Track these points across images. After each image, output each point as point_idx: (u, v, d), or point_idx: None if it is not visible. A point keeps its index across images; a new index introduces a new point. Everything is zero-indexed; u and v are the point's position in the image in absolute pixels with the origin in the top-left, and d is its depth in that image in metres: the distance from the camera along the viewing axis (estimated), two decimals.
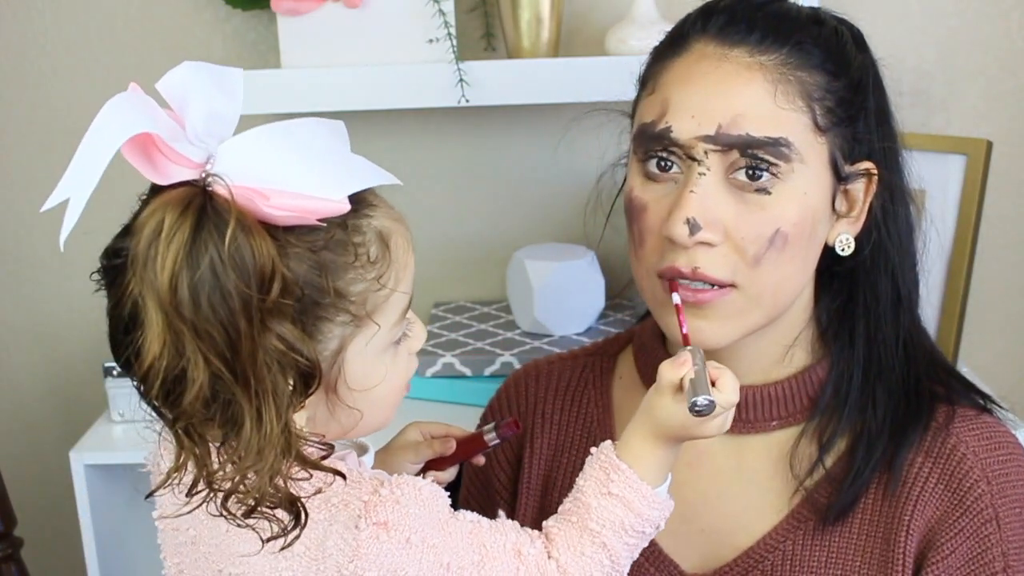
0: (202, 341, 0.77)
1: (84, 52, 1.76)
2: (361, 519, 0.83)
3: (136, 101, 0.79)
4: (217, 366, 0.77)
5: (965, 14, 1.70)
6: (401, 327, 0.90)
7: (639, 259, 1.02)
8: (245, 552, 0.85)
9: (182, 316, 0.76)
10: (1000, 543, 0.99)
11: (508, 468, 1.18)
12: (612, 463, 0.92)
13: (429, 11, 1.54)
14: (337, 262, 0.84)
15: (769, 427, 1.06)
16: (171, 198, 0.77)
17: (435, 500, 0.86)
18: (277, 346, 0.79)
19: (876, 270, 1.04)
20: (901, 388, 1.05)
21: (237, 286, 0.76)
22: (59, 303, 1.87)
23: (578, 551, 0.90)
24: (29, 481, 1.88)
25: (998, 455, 1.02)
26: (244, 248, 0.76)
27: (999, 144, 1.62)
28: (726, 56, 0.97)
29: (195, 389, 0.78)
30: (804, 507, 1.04)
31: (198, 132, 0.79)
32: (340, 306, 0.84)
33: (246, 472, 0.79)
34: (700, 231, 0.95)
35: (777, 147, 0.95)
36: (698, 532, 1.07)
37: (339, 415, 0.88)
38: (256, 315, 0.77)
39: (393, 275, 0.88)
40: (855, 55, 1.01)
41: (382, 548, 0.83)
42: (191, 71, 0.80)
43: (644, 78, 1.04)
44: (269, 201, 0.79)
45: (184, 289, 0.76)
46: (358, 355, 0.87)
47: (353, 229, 0.85)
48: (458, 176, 1.80)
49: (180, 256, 0.76)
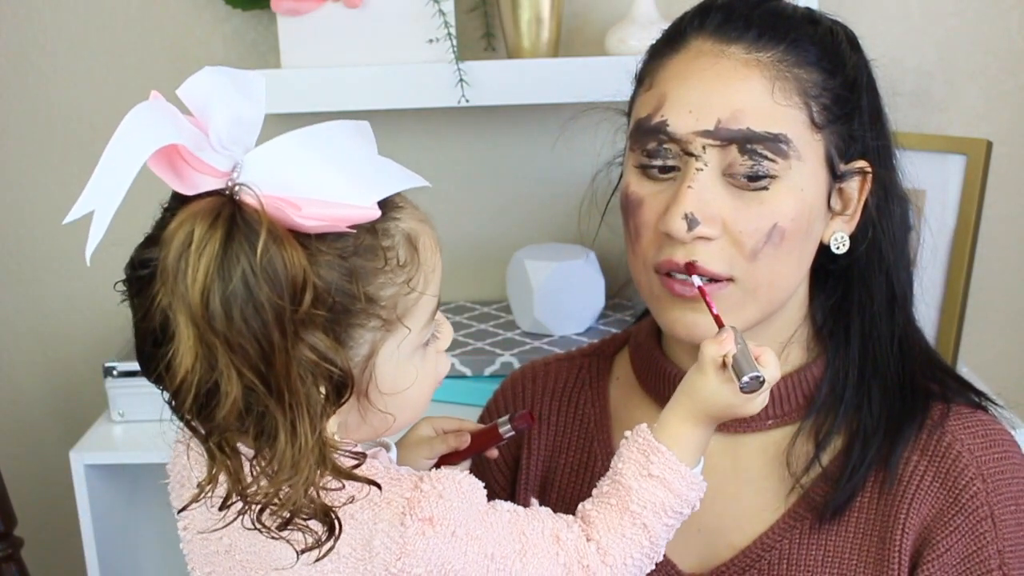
0: (235, 354, 0.76)
1: (84, 52, 1.76)
2: (406, 516, 0.82)
3: (160, 110, 0.78)
4: (250, 379, 0.76)
5: (965, 14, 1.70)
6: (430, 329, 0.90)
7: (635, 254, 1.02)
8: (287, 559, 0.83)
9: (214, 329, 0.75)
10: (996, 540, 0.99)
11: (506, 469, 1.18)
12: (651, 445, 0.92)
13: (429, 11, 1.54)
14: (367, 267, 0.82)
15: (765, 426, 1.06)
16: (200, 209, 0.76)
17: (474, 492, 0.86)
18: (310, 357, 0.78)
19: (871, 269, 1.04)
20: (896, 386, 1.05)
21: (270, 298, 0.75)
22: (59, 303, 1.87)
23: (619, 533, 0.90)
24: (29, 481, 1.88)
25: (993, 453, 1.02)
26: (276, 259, 0.75)
27: (999, 144, 1.63)
28: (723, 53, 0.98)
29: (229, 403, 0.77)
30: (800, 506, 1.04)
31: (222, 140, 0.78)
32: (371, 311, 0.83)
33: (281, 485, 0.78)
34: (698, 226, 0.95)
35: (776, 143, 0.95)
36: (695, 532, 1.07)
37: (371, 419, 0.88)
38: (289, 327, 0.76)
39: (422, 278, 0.87)
40: (849, 54, 1.02)
41: (428, 544, 0.83)
42: (213, 77, 0.79)
43: (641, 75, 1.05)
44: (301, 212, 0.77)
45: (216, 302, 0.75)
46: (389, 359, 0.86)
47: (382, 233, 0.84)
48: (458, 176, 1.80)
49: (212, 268, 0.74)
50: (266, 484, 0.79)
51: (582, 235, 1.51)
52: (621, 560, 0.90)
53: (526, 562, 0.87)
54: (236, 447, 0.80)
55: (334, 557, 0.83)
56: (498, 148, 1.79)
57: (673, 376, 1.08)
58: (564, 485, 1.13)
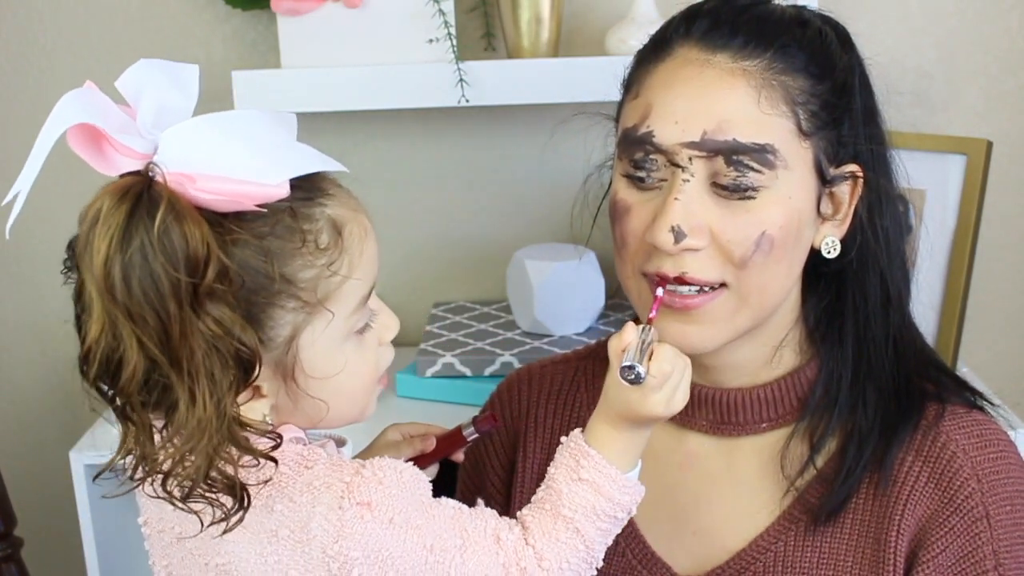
0: (135, 324, 0.79)
1: (84, 52, 1.76)
2: (344, 499, 0.84)
3: (86, 95, 0.82)
4: (150, 348, 0.79)
5: (965, 14, 1.70)
6: (362, 316, 0.90)
7: (623, 260, 1.02)
8: (231, 545, 0.86)
9: (116, 300, 0.79)
10: (991, 541, 0.99)
11: (502, 472, 1.18)
12: (581, 449, 0.93)
13: (429, 11, 1.54)
14: (285, 248, 0.84)
15: (759, 429, 1.06)
16: (113, 186, 0.80)
17: (416, 483, 0.88)
18: (214, 330, 0.80)
19: (864, 270, 1.04)
20: (891, 387, 1.05)
21: (166, 269, 0.78)
22: (59, 303, 1.86)
23: (553, 537, 0.91)
24: (29, 481, 1.88)
25: (988, 453, 1.02)
26: (174, 232, 0.78)
27: (999, 144, 1.62)
28: (709, 62, 0.97)
29: (130, 370, 0.80)
30: (796, 508, 1.04)
31: (147, 125, 0.81)
32: (289, 292, 0.84)
33: (183, 454, 0.81)
34: (685, 239, 0.95)
35: (763, 154, 0.95)
36: (690, 534, 1.07)
37: (303, 405, 0.89)
38: (187, 299, 0.79)
39: (346, 262, 0.87)
40: (840, 56, 1.00)
41: (366, 528, 0.84)
42: (146, 67, 0.83)
43: (628, 82, 1.04)
44: (195, 184, 0.80)
45: (116, 273, 0.78)
46: (314, 343, 0.87)
47: (303, 217, 0.85)
48: (458, 176, 1.80)
49: (113, 240, 0.78)
50: (168, 452, 0.82)
51: (574, 238, 1.52)
52: (557, 564, 0.90)
53: (466, 558, 0.88)
54: (143, 416, 0.83)
55: (273, 539, 0.85)
56: (498, 148, 1.79)
57: None
58: None
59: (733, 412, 1.05)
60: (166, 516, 0.90)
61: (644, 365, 0.90)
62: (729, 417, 1.06)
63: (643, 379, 0.90)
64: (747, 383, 1.05)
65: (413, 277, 1.84)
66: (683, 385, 0.93)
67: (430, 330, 1.70)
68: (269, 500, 0.85)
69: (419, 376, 1.60)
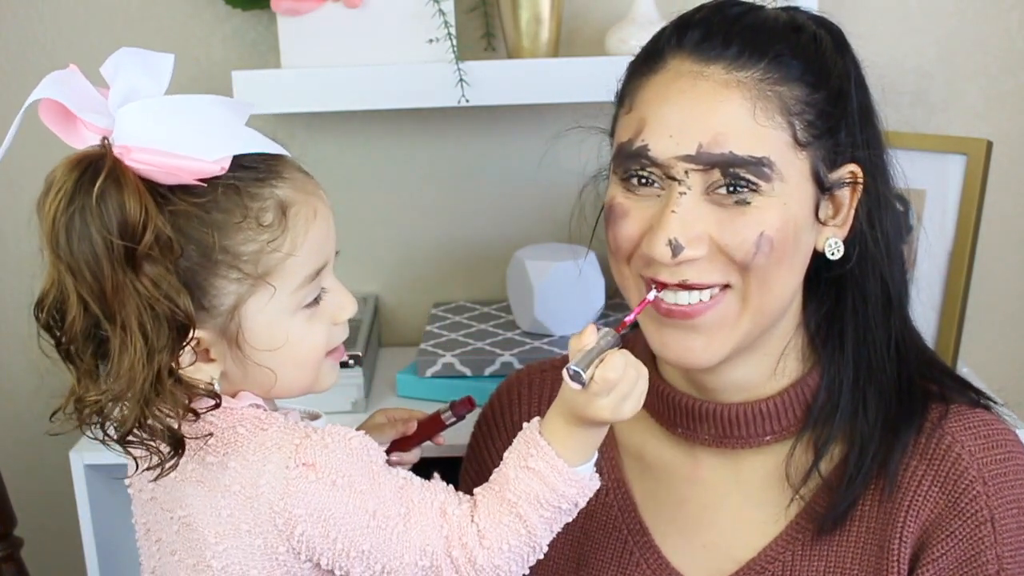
0: (76, 279, 0.88)
1: (84, 52, 1.76)
2: (291, 459, 0.91)
3: (66, 76, 0.90)
4: (88, 302, 0.88)
5: (965, 14, 1.70)
6: (308, 292, 0.95)
7: (618, 262, 1.02)
8: (191, 494, 0.94)
9: (60, 257, 0.88)
10: (995, 545, 0.99)
11: None
12: (533, 439, 0.96)
13: (429, 11, 1.54)
14: (228, 222, 0.91)
15: (764, 442, 1.06)
16: (72, 157, 0.88)
17: (365, 450, 0.94)
18: (150, 291, 0.87)
19: (864, 273, 1.03)
20: (893, 390, 1.04)
21: (100, 231, 0.86)
22: None
23: (496, 519, 0.94)
24: (29, 481, 1.87)
25: (996, 454, 1.01)
26: (110, 198, 0.86)
27: (999, 144, 1.62)
28: (702, 74, 0.96)
29: (71, 318, 0.89)
30: (802, 517, 1.04)
31: (115, 105, 0.89)
32: (230, 263, 0.91)
33: (113, 396, 0.89)
34: (683, 251, 0.95)
35: (759, 167, 0.94)
36: (701, 546, 1.07)
37: (251, 373, 0.95)
38: (119, 260, 0.86)
39: (288, 240, 0.93)
40: (835, 62, 1.00)
41: (310, 488, 0.91)
42: (124, 55, 0.90)
43: (621, 95, 1.03)
44: (131, 155, 0.87)
45: (61, 232, 0.87)
46: (257, 314, 0.93)
47: (249, 195, 0.92)
48: (458, 176, 1.80)
49: (61, 204, 0.87)
50: (95, 394, 0.90)
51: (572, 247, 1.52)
52: (497, 545, 0.93)
53: (409, 526, 0.93)
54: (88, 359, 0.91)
55: (226, 493, 0.92)
56: (498, 148, 1.79)
57: (667, 395, 1.08)
58: None
59: (736, 427, 1.05)
60: (144, 475, 0.96)
61: (592, 370, 0.91)
62: (732, 431, 1.06)
63: (585, 384, 0.91)
64: (750, 397, 1.05)
65: (413, 277, 1.84)
66: (634, 394, 0.93)
67: (430, 330, 1.70)
68: (225, 458, 0.92)
69: (419, 376, 1.60)
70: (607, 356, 0.92)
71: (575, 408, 0.94)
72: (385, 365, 1.73)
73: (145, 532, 1.01)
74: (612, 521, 1.10)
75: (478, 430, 1.23)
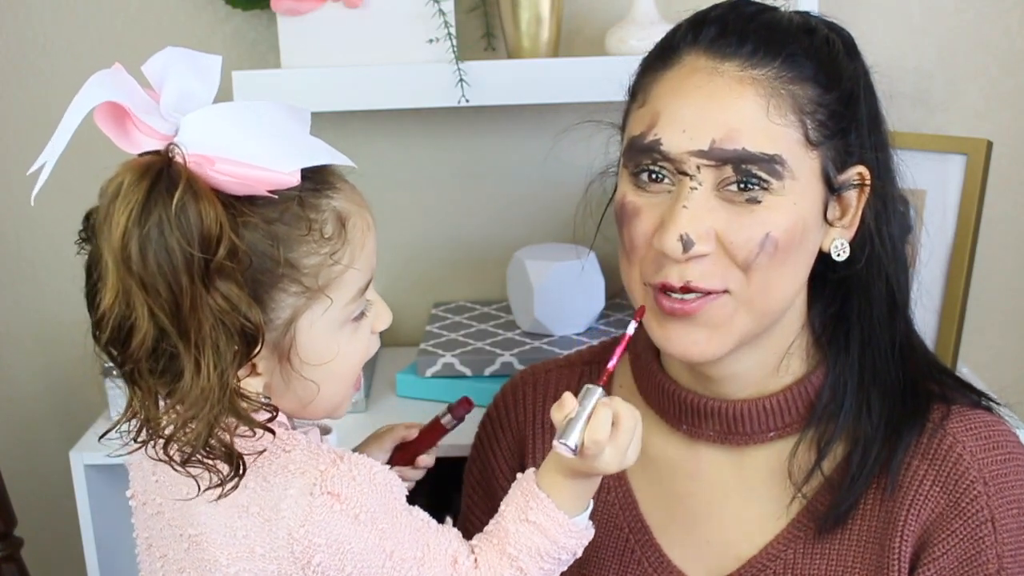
0: (148, 294, 0.83)
1: (84, 52, 1.76)
2: (316, 487, 0.88)
3: (115, 75, 0.86)
4: (161, 318, 0.83)
5: (965, 14, 1.70)
6: (358, 305, 0.94)
7: (631, 264, 1.01)
8: (204, 516, 0.91)
9: (131, 270, 0.83)
10: (995, 545, 0.99)
11: (511, 475, 1.17)
12: (532, 491, 0.96)
13: (429, 11, 1.54)
14: (291, 235, 0.88)
15: (767, 438, 1.06)
16: (134, 163, 0.84)
17: (389, 487, 0.91)
18: (221, 305, 0.84)
19: (871, 276, 1.04)
20: (897, 391, 1.04)
21: (180, 244, 0.82)
22: (59, 303, 1.87)
23: (497, 572, 0.94)
24: (29, 481, 1.88)
25: (996, 455, 1.02)
26: (190, 210, 0.82)
27: (999, 144, 1.62)
28: (717, 70, 0.96)
29: (140, 336, 0.84)
30: (804, 515, 1.04)
31: (169, 108, 0.86)
32: (293, 277, 0.89)
33: (185, 420, 0.85)
34: (694, 247, 0.95)
35: (771, 164, 0.94)
36: (704, 543, 1.07)
37: (295, 386, 0.92)
38: (198, 273, 0.83)
39: (348, 253, 0.92)
40: (847, 65, 1.00)
41: (333, 518, 0.88)
42: (171, 54, 0.87)
43: (634, 90, 1.03)
44: (214, 166, 0.84)
45: (134, 245, 0.82)
46: (311, 327, 0.91)
47: (311, 206, 0.90)
48: (458, 176, 1.80)
49: (133, 214, 0.82)
50: (171, 417, 0.86)
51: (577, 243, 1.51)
52: None
53: (422, 571, 0.92)
54: (150, 382, 0.87)
55: (243, 514, 0.89)
56: (498, 148, 1.79)
57: (671, 391, 1.08)
58: None
59: (740, 423, 1.05)
60: (150, 488, 0.95)
61: (581, 435, 0.92)
62: (737, 427, 1.06)
63: (577, 453, 0.92)
64: (754, 393, 1.05)
65: (413, 277, 1.84)
66: (634, 440, 0.94)
67: (430, 330, 1.70)
68: (244, 477, 0.89)
69: (419, 376, 1.60)
70: (593, 416, 0.92)
71: (578, 468, 0.94)
72: (385, 365, 1.73)
73: (147, 547, 0.99)
74: (613, 519, 1.10)
75: (482, 430, 1.23)
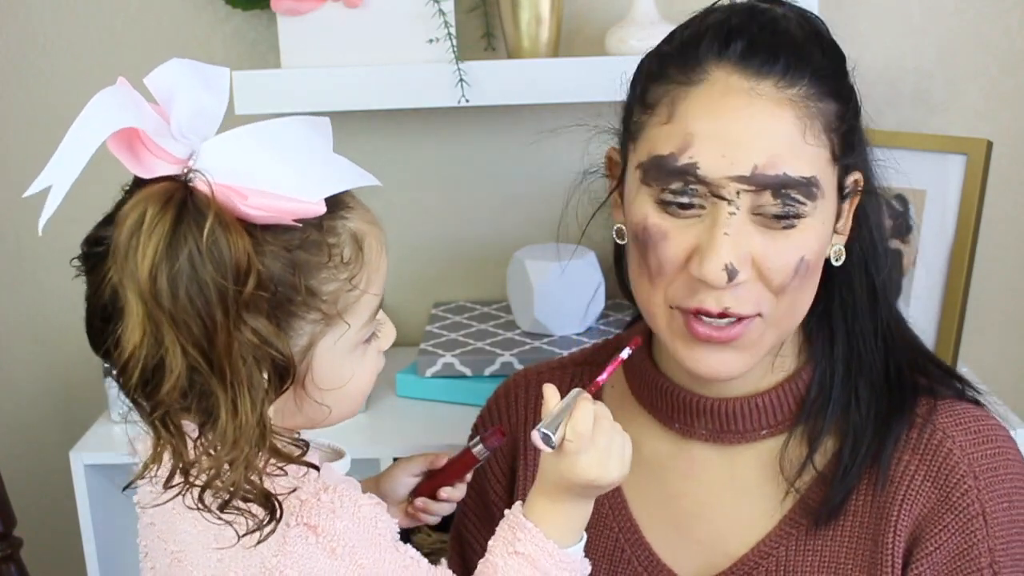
0: (180, 331, 0.79)
1: (84, 52, 1.76)
2: (293, 516, 0.85)
3: (124, 95, 0.81)
4: (194, 356, 0.79)
5: (965, 14, 1.70)
6: (371, 327, 0.92)
7: (654, 287, 0.98)
8: (188, 534, 0.88)
9: (161, 306, 0.78)
10: (987, 539, 0.99)
11: (503, 479, 1.17)
12: (518, 522, 0.93)
13: (429, 11, 1.54)
14: (311, 262, 0.85)
15: (759, 436, 1.06)
16: (153, 192, 0.79)
17: (374, 521, 0.88)
18: (252, 340, 0.81)
19: (851, 267, 1.04)
20: (883, 381, 1.05)
21: (214, 278, 0.78)
22: (59, 303, 1.87)
23: None
24: (29, 481, 1.88)
25: (986, 449, 1.02)
26: (221, 242, 0.78)
27: (999, 144, 1.62)
28: (755, 91, 0.93)
29: (173, 379, 0.79)
30: (796, 511, 1.04)
31: (182, 128, 0.81)
32: (312, 304, 0.86)
33: (222, 464, 0.81)
34: (737, 275, 0.93)
35: (809, 187, 0.93)
36: (695, 542, 1.07)
37: (306, 409, 0.90)
38: (232, 307, 0.79)
39: (365, 277, 0.89)
40: (847, 70, 1.00)
41: (308, 550, 0.85)
42: (178, 68, 0.82)
43: (649, 100, 0.99)
44: (247, 201, 0.80)
45: (163, 280, 0.78)
46: (327, 352, 0.88)
47: (328, 230, 0.86)
48: (458, 176, 1.80)
49: (160, 248, 0.78)
50: (207, 462, 0.81)
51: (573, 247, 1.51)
52: None
53: None
54: (180, 424, 0.82)
55: (220, 537, 0.85)
56: (498, 148, 1.79)
57: (665, 388, 1.08)
58: None
59: (733, 421, 1.05)
60: (145, 497, 0.92)
61: (562, 429, 0.91)
62: (729, 426, 1.06)
63: (554, 444, 0.90)
64: (747, 392, 1.05)
65: (413, 277, 1.84)
66: (615, 450, 0.94)
67: (430, 330, 1.70)
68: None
69: (419, 376, 1.60)
70: (575, 409, 0.91)
71: (558, 478, 0.92)
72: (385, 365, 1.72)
73: (144, 555, 0.96)
74: (602, 519, 1.10)
75: (474, 433, 1.23)
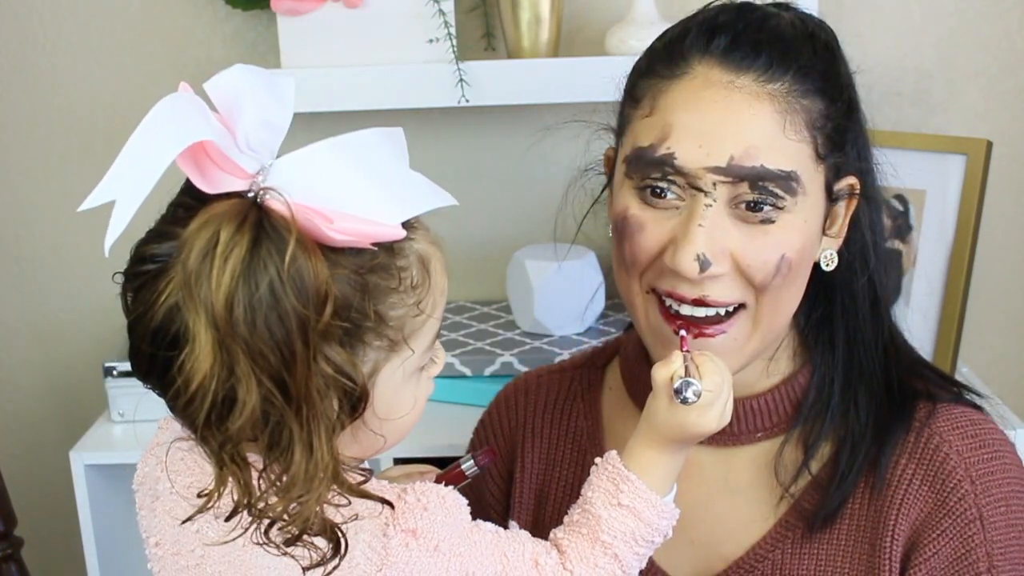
0: (255, 362, 0.74)
1: (84, 52, 1.76)
2: (390, 527, 0.81)
3: (190, 103, 0.76)
4: (269, 388, 0.74)
5: (965, 14, 1.70)
6: (430, 353, 0.88)
7: (630, 276, 0.99)
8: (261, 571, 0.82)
9: (236, 335, 0.73)
10: (984, 543, 0.99)
11: (500, 482, 1.17)
12: (621, 473, 0.92)
13: (429, 11, 1.54)
14: (381, 286, 0.80)
15: (755, 439, 1.06)
16: (224, 211, 0.74)
17: (458, 508, 0.85)
18: (328, 370, 0.76)
19: (854, 274, 1.03)
20: (882, 388, 1.04)
21: (295, 307, 0.73)
22: (59, 303, 1.87)
23: (591, 563, 0.90)
24: (29, 481, 1.88)
25: (983, 453, 1.02)
26: (303, 268, 0.74)
27: (999, 144, 1.62)
28: (734, 84, 0.94)
29: (246, 412, 0.74)
30: (791, 515, 1.04)
31: (249, 141, 0.76)
32: (379, 330, 0.81)
33: (293, 500, 0.76)
34: (710, 267, 0.93)
35: (788, 181, 0.93)
36: (689, 543, 1.07)
37: (362, 439, 0.85)
38: (312, 337, 0.75)
39: (431, 300, 0.85)
40: (844, 71, 0.99)
41: (411, 556, 0.82)
42: (244, 75, 0.78)
43: (635, 94, 1.00)
44: (332, 225, 0.75)
45: (240, 308, 0.73)
46: (388, 379, 0.84)
47: (397, 252, 0.82)
48: (458, 176, 1.80)
49: (237, 273, 0.72)
50: (276, 499, 0.77)
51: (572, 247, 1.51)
52: None
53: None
54: (246, 457, 0.78)
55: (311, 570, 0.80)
56: (498, 148, 1.79)
57: None
58: (559, 498, 1.13)
59: (730, 423, 1.05)
60: (183, 539, 0.85)
61: (697, 383, 0.91)
62: (726, 428, 1.05)
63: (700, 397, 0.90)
64: (743, 394, 1.05)
65: None
66: (730, 398, 0.94)
67: None
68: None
69: None
70: (702, 364, 0.92)
71: (681, 430, 0.92)
72: None
73: None
74: None
75: (476, 437, 1.23)
